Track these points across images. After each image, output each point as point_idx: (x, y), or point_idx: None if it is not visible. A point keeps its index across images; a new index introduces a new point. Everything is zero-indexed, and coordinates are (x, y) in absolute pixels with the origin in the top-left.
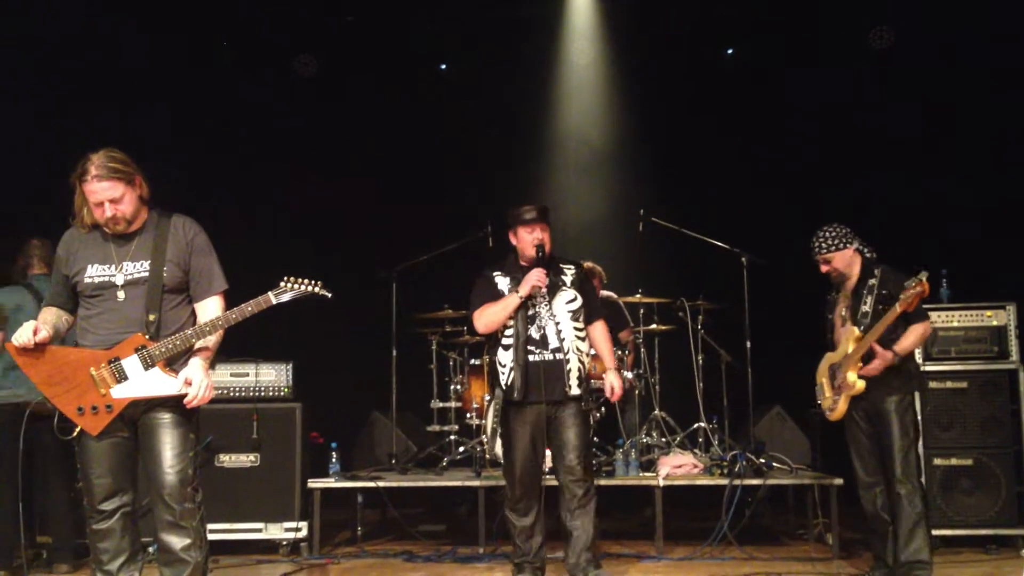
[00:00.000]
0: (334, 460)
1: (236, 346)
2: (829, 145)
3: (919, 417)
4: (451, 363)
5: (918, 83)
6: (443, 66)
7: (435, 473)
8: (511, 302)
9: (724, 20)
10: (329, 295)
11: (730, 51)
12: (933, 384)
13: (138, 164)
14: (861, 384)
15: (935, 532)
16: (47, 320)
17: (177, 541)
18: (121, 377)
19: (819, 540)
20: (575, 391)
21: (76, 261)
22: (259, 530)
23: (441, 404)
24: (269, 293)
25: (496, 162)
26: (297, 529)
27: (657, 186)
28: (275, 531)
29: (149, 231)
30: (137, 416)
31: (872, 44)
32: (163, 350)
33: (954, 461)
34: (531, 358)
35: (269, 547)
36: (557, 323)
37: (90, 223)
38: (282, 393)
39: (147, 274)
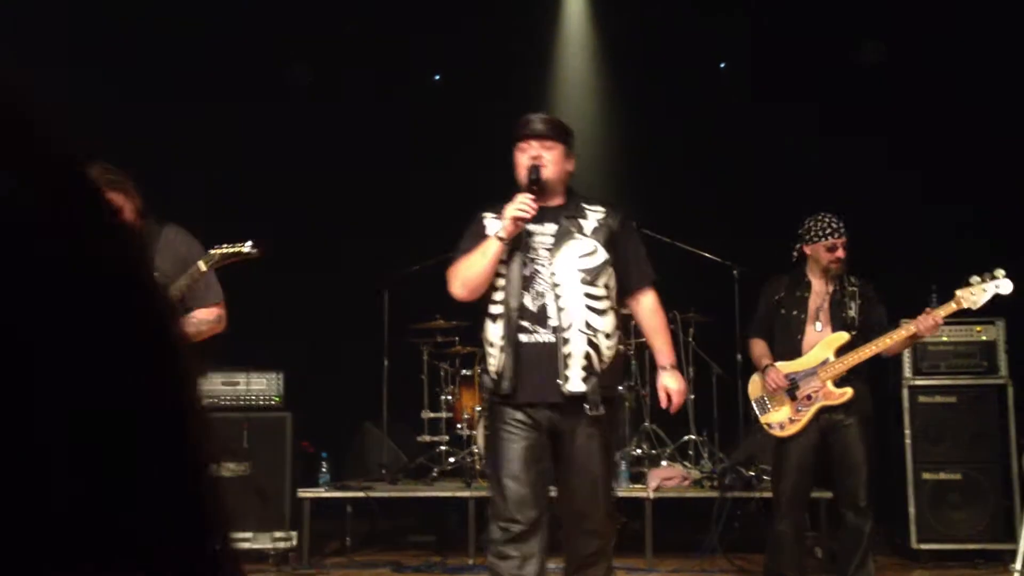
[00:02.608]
0: (324, 470)
1: (227, 355)
2: (820, 157)
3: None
4: (442, 374)
5: (910, 96)
6: (437, 76)
7: (425, 483)
8: (489, 248)
9: (718, 33)
10: (256, 252)
11: (723, 64)
12: (922, 398)
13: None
14: (850, 391)
15: (923, 546)
16: None
17: None
18: None
19: (808, 553)
20: (575, 387)
21: None
22: (248, 539)
23: (432, 414)
24: (199, 262)
25: (490, 171)
26: (286, 539)
27: (648, 197)
28: (264, 541)
29: (145, 243)
30: None
31: (864, 58)
32: None
33: (943, 475)
34: (523, 338)
35: (258, 557)
36: (557, 287)
37: None
38: (273, 402)
39: None
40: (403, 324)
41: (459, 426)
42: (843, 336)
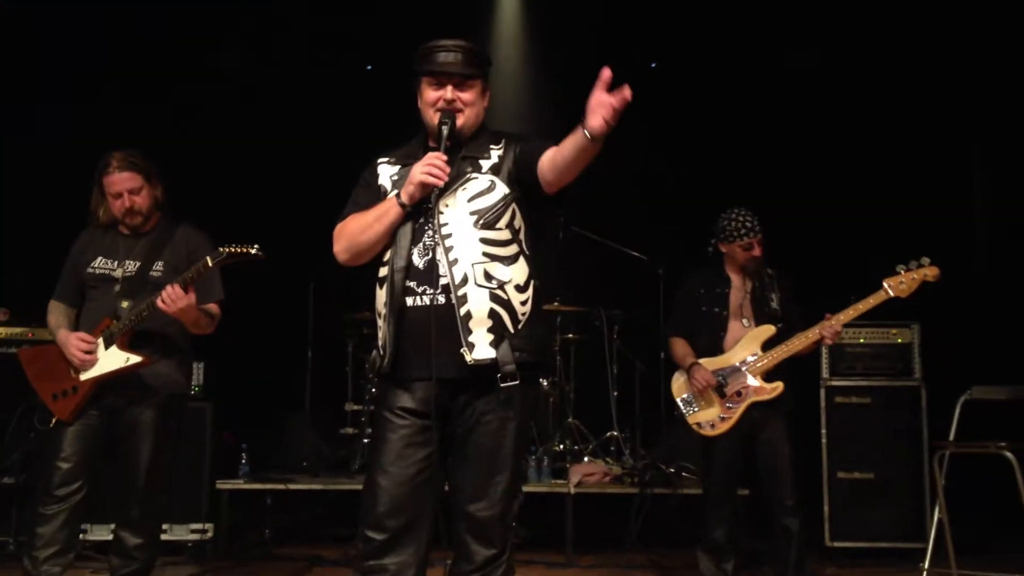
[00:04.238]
0: (244, 461)
1: None
2: (746, 162)
3: None
4: (367, 366)
5: (837, 103)
6: (369, 67)
7: (347, 476)
8: (387, 212)
9: (649, 34)
10: (262, 255)
11: (654, 64)
12: (838, 399)
13: None
14: (781, 385)
15: (837, 544)
16: (65, 323)
17: (131, 539)
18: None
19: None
20: (481, 353)
21: (88, 252)
22: (164, 531)
23: (356, 407)
24: (207, 257)
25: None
26: (204, 531)
27: (577, 195)
28: (181, 532)
29: (156, 234)
30: (120, 408)
31: (794, 63)
32: (121, 326)
33: (856, 475)
34: (408, 302)
35: (174, 548)
36: (447, 238)
37: (105, 222)
38: (193, 391)
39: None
40: (328, 315)
41: None
42: (770, 329)
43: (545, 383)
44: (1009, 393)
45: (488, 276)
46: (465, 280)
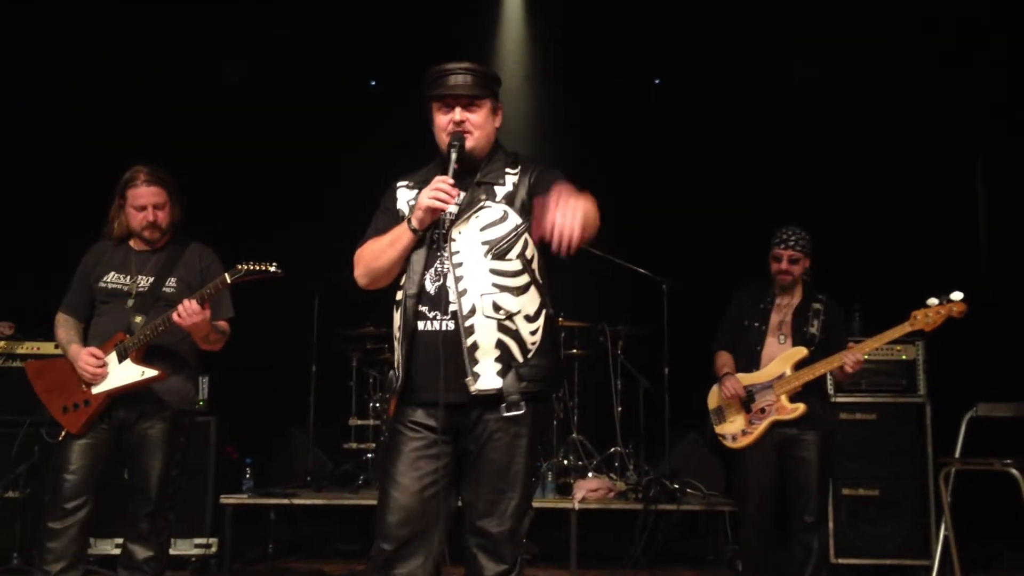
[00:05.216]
0: (248, 475)
1: None
2: (750, 176)
3: None
4: (371, 381)
5: (839, 116)
6: (373, 82)
7: (350, 491)
8: (399, 237)
9: (652, 50)
10: (281, 273)
11: (657, 81)
12: (843, 415)
13: None
14: (802, 407)
15: (842, 561)
16: (76, 338)
17: (140, 552)
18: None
19: (729, 567)
20: (487, 383)
21: (100, 266)
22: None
23: (359, 421)
24: (225, 274)
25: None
26: (207, 545)
27: None
28: (184, 547)
29: (169, 250)
30: (130, 423)
31: (796, 77)
32: (135, 340)
33: (861, 491)
34: (420, 326)
35: (178, 563)
36: (458, 267)
37: (119, 235)
38: (197, 406)
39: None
40: (332, 329)
41: (386, 434)
42: (801, 351)
43: (555, 391)
44: (1015, 410)
45: (496, 307)
46: (473, 311)
